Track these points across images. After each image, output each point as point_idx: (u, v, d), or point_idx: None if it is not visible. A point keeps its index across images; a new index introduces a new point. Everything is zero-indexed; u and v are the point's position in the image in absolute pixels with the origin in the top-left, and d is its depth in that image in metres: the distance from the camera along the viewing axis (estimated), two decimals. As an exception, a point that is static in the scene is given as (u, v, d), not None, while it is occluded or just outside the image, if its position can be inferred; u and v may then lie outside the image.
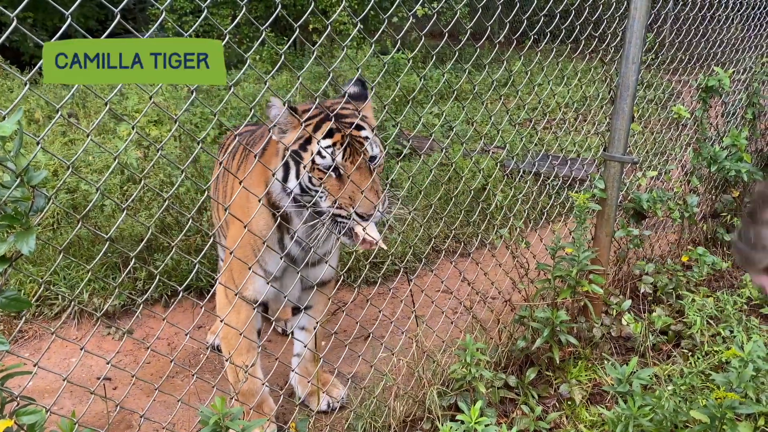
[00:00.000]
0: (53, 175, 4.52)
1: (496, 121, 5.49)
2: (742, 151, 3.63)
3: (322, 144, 2.22)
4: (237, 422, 1.83)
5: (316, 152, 2.22)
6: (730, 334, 3.12)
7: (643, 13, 2.75)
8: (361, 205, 2.20)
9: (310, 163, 2.23)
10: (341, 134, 2.23)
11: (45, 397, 2.90)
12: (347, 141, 2.23)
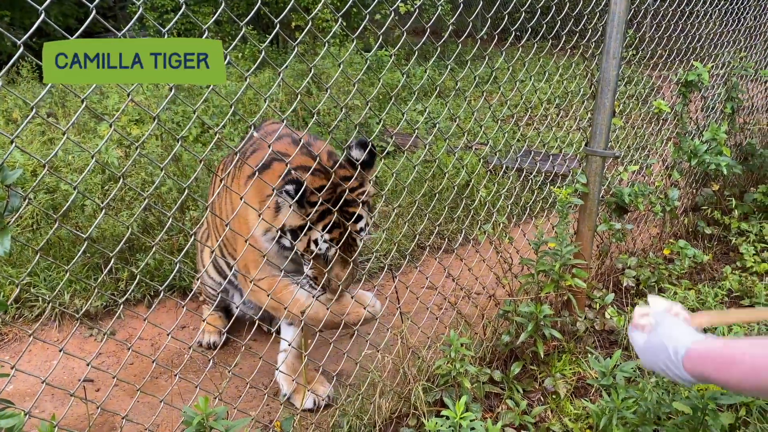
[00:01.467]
0: (32, 175, 4.46)
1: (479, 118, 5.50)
2: (721, 145, 3.66)
3: (322, 236, 2.33)
4: (221, 422, 1.82)
5: (314, 240, 2.34)
6: (713, 329, 3.16)
7: (623, 8, 2.77)
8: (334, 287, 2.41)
9: (305, 245, 2.36)
10: (340, 231, 2.34)
11: (26, 400, 2.86)
12: (343, 239, 2.36)
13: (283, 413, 2.61)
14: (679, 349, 1.47)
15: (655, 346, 1.56)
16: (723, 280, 3.65)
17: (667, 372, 1.51)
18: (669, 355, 1.49)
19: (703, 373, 1.43)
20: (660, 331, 1.57)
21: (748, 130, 5.00)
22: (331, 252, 2.37)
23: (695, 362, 1.44)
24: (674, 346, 1.49)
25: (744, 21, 4.97)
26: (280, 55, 9.08)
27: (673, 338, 1.52)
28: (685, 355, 1.46)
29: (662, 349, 1.52)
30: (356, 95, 5.91)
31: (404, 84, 7.01)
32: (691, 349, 1.46)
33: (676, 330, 1.54)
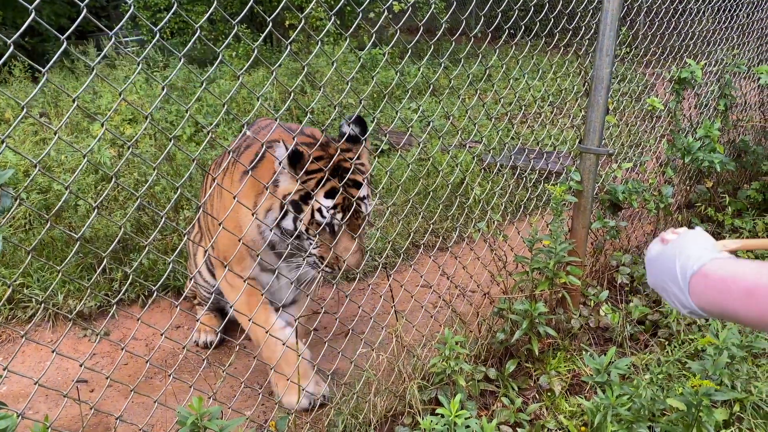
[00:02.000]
0: (24, 175, 4.43)
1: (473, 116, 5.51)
2: (715, 142, 3.67)
3: (325, 204, 2.30)
4: (215, 422, 1.81)
5: (317, 209, 2.30)
6: (705, 323, 3.17)
7: (616, 5, 2.77)
8: (346, 267, 2.37)
9: (309, 217, 2.32)
10: (343, 197, 2.31)
11: (19, 401, 2.85)
12: (346, 204, 2.32)
13: (278, 413, 2.60)
14: (689, 268, 1.12)
15: (664, 259, 1.21)
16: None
17: (669, 295, 1.18)
18: (675, 274, 1.15)
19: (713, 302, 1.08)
20: (675, 243, 1.21)
21: (741, 127, 5.01)
22: (337, 219, 2.32)
23: (705, 287, 1.09)
24: (683, 263, 1.14)
25: (737, 18, 4.99)
26: (274, 53, 9.06)
27: (685, 253, 1.15)
28: (694, 274, 1.11)
29: (670, 265, 1.17)
30: (350, 94, 5.90)
31: (398, 82, 7.01)
32: (703, 270, 1.10)
33: (693, 244, 1.17)
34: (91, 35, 9.55)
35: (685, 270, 1.12)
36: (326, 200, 2.29)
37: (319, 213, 2.31)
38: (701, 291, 1.10)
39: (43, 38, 9.34)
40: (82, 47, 7.96)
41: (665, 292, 1.19)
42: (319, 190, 2.29)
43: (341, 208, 2.32)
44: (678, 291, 1.13)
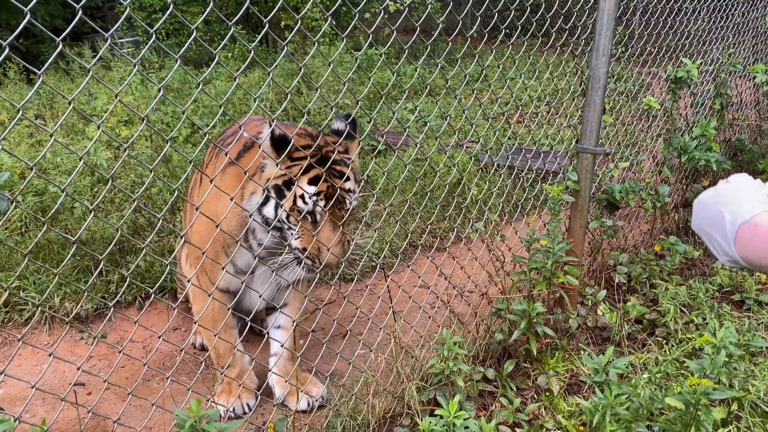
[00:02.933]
0: (20, 177, 4.42)
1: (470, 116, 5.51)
2: (711, 141, 3.68)
3: (307, 190, 2.24)
4: (213, 425, 1.81)
5: (299, 195, 2.25)
6: (703, 322, 3.17)
7: (612, 5, 2.77)
8: (328, 259, 2.29)
9: (290, 203, 2.26)
10: (327, 185, 2.26)
11: (16, 404, 2.84)
12: (330, 192, 2.27)
13: (277, 414, 2.60)
14: (739, 216, 1.10)
15: (715, 204, 1.18)
16: (714, 275, 3.67)
17: (712, 242, 1.16)
18: (722, 222, 1.12)
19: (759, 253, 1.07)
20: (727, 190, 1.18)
21: (737, 126, 5.03)
22: (319, 206, 2.26)
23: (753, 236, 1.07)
24: (734, 210, 1.11)
25: (732, 18, 5.00)
26: (270, 54, 9.05)
27: (737, 202, 1.12)
28: (744, 223, 1.08)
29: (717, 212, 1.15)
30: (347, 94, 5.90)
31: (395, 83, 7.00)
32: (753, 220, 1.08)
33: (745, 194, 1.14)
34: (87, 37, 9.53)
35: (735, 218, 1.10)
36: (309, 187, 2.24)
37: (302, 199, 2.25)
38: (748, 240, 1.08)
39: (38, 40, 9.31)
40: (77, 49, 7.94)
41: (708, 238, 1.17)
42: (303, 176, 2.23)
43: (324, 196, 2.25)
44: (722, 239, 1.12)
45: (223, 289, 2.59)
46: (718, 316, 3.23)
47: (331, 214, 2.29)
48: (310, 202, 2.25)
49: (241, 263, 2.54)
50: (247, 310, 2.72)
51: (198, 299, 2.70)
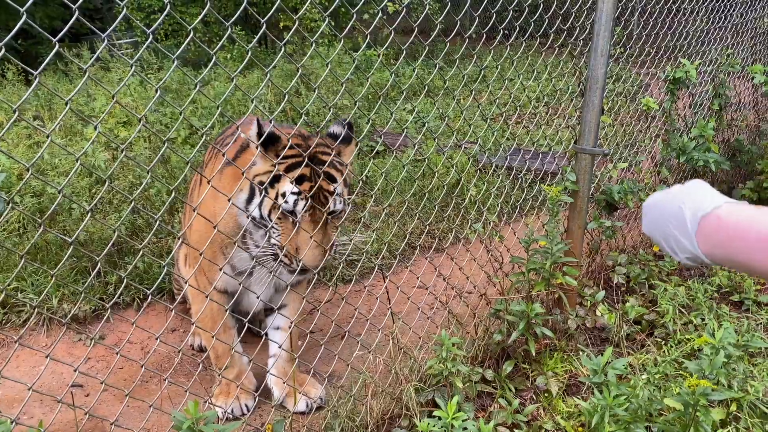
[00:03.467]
0: (18, 178, 4.41)
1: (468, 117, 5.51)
2: (709, 142, 3.68)
3: (289, 189, 2.22)
4: (211, 426, 1.80)
5: (281, 193, 2.23)
6: (702, 322, 3.17)
7: (611, 6, 2.77)
8: (304, 259, 2.25)
9: (272, 200, 2.24)
10: (310, 184, 2.24)
11: (14, 406, 2.83)
12: (313, 193, 2.24)
13: (275, 416, 2.59)
14: (700, 210, 1.07)
15: (669, 202, 1.15)
16: (713, 276, 3.67)
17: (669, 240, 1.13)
18: (682, 217, 1.09)
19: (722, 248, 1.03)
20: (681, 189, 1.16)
21: (735, 127, 5.03)
22: (299, 206, 2.23)
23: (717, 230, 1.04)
24: (694, 205, 1.08)
25: (730, 18, 5.00)
26: (269, 55, 9.04)
27: (695, 197, 1.10)
28: (705, 216, 1.06)
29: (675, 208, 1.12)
30: (345, 95, 5.90)
31: (393, 83, 7.00)
32: (715, 212, 1.05)
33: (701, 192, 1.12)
34: (85, 38, 9.52)
35: (695, 212, 1.07)
36: (292, 186, 2.21)
37: (283, 197, 2.22)
38: (711, 234, 1.05)
39: (37, 41, 9.30)
40: (76, 50, 7.93)
41: (663, 237, 1.15)
42: (287, 174, 2.22)
43: (306, 196, 2.22)
44: (682, 234, 1.09)
45: (222, 290, 2.59)
46: (716, 317, 3.23)
47: (311, 215, 2.26)
48: (291, 201, 2.22)
49: (239, 264, 2.54)
50: (245, 312, 2.72)
51: (196, 300, 2.70)
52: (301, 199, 2.22)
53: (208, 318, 2.62)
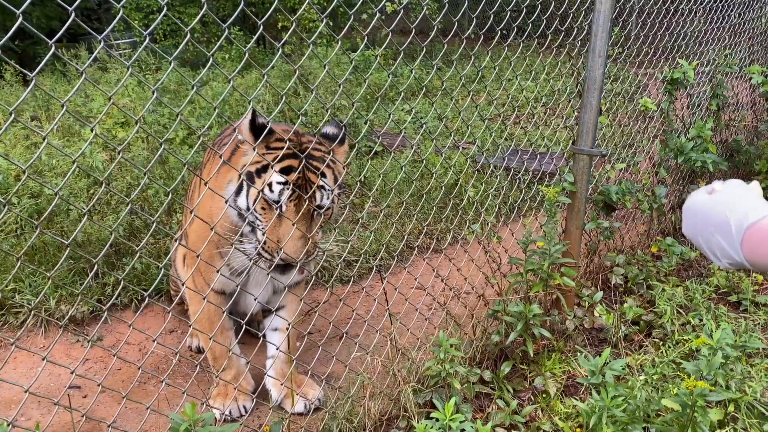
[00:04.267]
0: (15, 179, 4.40)
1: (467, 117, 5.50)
2: (707, 142, 3.68)
3: (276, 179, 2.21)
4: (208, 428, 1.80)
5: (268, 183, 2.21)
6: (700, 323, 3.17)
7: (609, 6, 2.77)
8: (285, 248, 2.22)
9: (258, 190, 2.23)
10: (298, 176, 2.22)
11: (11, 408, 2.83)
12: (300, 184, 2.22)
13: (273, 417, 2.59)
14: (746, 220, 1.14)
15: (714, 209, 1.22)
16: (710, 276, 3.67)
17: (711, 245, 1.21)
18: (727, 226, 1.17)
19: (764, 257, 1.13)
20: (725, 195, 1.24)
21: (733, 127, 5.03)
22: (285, 196, 2.20)
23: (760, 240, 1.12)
24: (739, 218, 1.15)
25: (728, 19, 5.01)
26: (267, 56, 9.04)
27: (741, 206, 1.18)
28: (751, 227, 1.13)
29: (720, 217, 1.19)
30: (343, 95, 5.89)
31: (391, 84, 7.00)
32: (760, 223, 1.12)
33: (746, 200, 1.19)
34: (83, 38, 9.51)
35: (741, 222, 1.14)
36: (279, 176, 2.20)
37: (269, 188, 2.21)
38: (755, 244, 1.12)
39: (35, 41, 9.29)
40: (74, 50, 7.91)
41: (706, 242, 1.21)
42: (275, 164, 2.20)
43: (292, 187, 2.20)
44: (727, 243, 1.16)
45: (219, 291, 2.59)
46: (714, 318, 3.23)
47: (296, 206, 2.23)
48: (276, 190, 2.21)
49: (237, 265, 2.53)
50: (243, 313, 2.71)
51: (194, 301, 2.70)
52: (286, 189, 2.21)
53: (206, 319, 2.61)
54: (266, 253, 2.27)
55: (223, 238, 2.30)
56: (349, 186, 4.67)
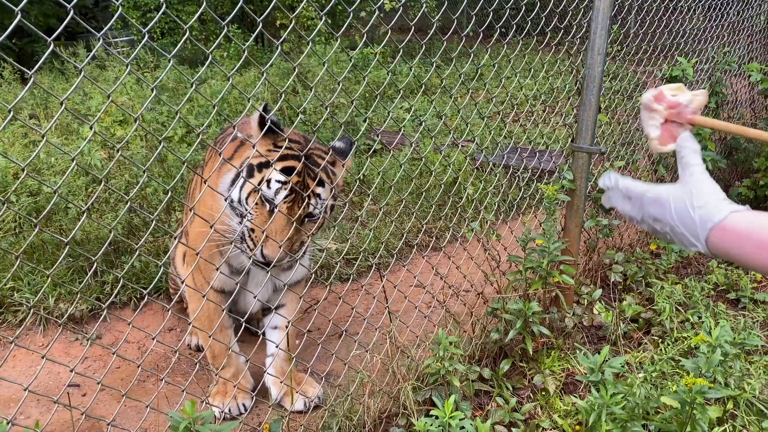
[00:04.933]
0: (14, 177, 4.40)
1: (466, 115, 5.50)
2: (706, 140, 3.68)
3: (275, 177, 2.21)
4: (208, 426, 1.80)
5: (266, 179, 2.22)
6: (699, 320, 3.18)
7: (607, 4, 2.77)
8: (266, 248, 2.22)
9: (255, 184, 2.23)
10: (298, 179, 2.23)
11: (10, 406, 2.82)
12: (298, 188, 2.22)
13: (272, 415, 2.59)
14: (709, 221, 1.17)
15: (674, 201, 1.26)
16: (709, 273, 3.68)
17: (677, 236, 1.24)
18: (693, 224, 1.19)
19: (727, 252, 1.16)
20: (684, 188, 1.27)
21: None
22: (280, 195, 2.21)
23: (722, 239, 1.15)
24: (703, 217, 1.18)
25: (727, 16, 5.01)
26: (265, 53, 9.03)
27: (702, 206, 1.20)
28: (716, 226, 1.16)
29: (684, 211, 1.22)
30: (342, 93, 5.89)
31: (390, 82, 7.00)
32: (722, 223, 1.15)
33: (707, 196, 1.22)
34: (81, 36, 9.49)
35: (705, 222, 1.18)
36: (279, 174, 2.21)
37: (267, 184, 2.21)
38: (718, 242, 1.16)
39: (33, 39, 9.27)
40: (72, 48, 7.90)
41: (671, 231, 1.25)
42: (278, 163, 2.21)
43: (289, 189, 2.21)
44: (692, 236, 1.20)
45: (218, 290, 2.59)
46: (713, 315, 3.23)
47: (289, 209, 2.24)
48: (273, 188, 2.21)
49: (236, 263, 2.54)
50: (242, 311, 2.71)
51: (193, 299, 2.70)
52: (283, 189, 2.21)
53: (205, 317, 2.61)
54: (249, 243, 2.27)
55: (224, 236, 2.29)
56: (348, 184, 4.66)
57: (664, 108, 1.49)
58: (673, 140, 1.47)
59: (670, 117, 1.50)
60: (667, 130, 1.51)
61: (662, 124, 1.51)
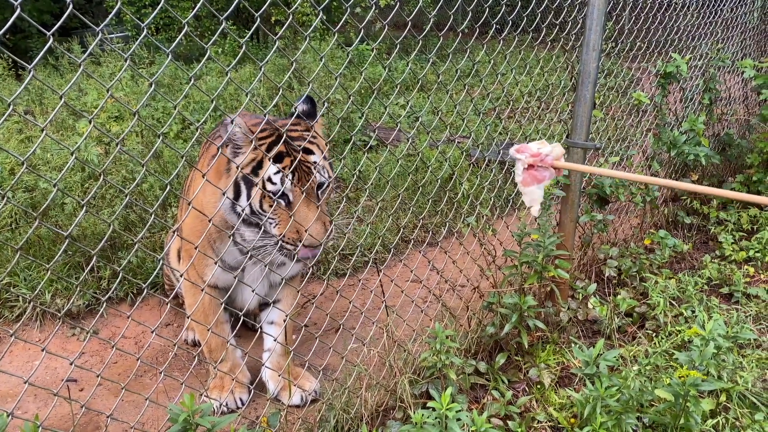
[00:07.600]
0: (10, 173, 4.39)
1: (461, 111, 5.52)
2: (700, 136, 3.71)
3: (272, 170, 2.23)
4: (207, 419, 1.82)
5: (267, 178, 2.24)
6: (692, 314, 3.20)
7: (602, 0, 2.78)
8: (308, 239, 2.24)
9: (261, 189, 2.25)
10: (290, 159, 2.24)
11: (8, 401, 2.83)
12: (295, 167, 2.24)
13: (270, 409, 2.61)
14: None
15: None
16: (703, 268, 3.70)
17: None
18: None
19: None
20: None
21: (725, 121, 5.07)
22: (288, 183, 2.23)
23: None
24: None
25: (721, 13, 5.03)
26: (261, 50, 9.02)
27: None
28: None
29: None
30: (338, 89, 5.89)
31: (386, 78, 7.00)
32: None
33: None
34: (75, 32, 9.46)
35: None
36: (274, 165, 2.22)
37: (270, 181, 2.23)
38: None
39: (26, 35, 9.24)
40: (65, 44, 7.87)
41: None
42: (267, 155, 2.23)
43: (291, 171, 2.23)
44: None
45: (213, 286, 2.60)
46: (707, 309, 3.26)
47: (301, 190, 2.25)
48: (277, 180, 2.23)
49: (230, 260, 2.54)
50: (240, 306, 2.73)
51: (189, 294, 2.71)
52: (285, 175, 2.23)
53: (201, 312, 2.62)
54: (289, 246, 2.29)
55: (222, 230, 2.30)
56: (344, 180, 4.67)
57: (525, 157, 2.11)
58: (536, 182, 2.09)
59: (534, 164, 2.21)
60: (530, 175, 2.13)
61: (525, 169, 2.11)
